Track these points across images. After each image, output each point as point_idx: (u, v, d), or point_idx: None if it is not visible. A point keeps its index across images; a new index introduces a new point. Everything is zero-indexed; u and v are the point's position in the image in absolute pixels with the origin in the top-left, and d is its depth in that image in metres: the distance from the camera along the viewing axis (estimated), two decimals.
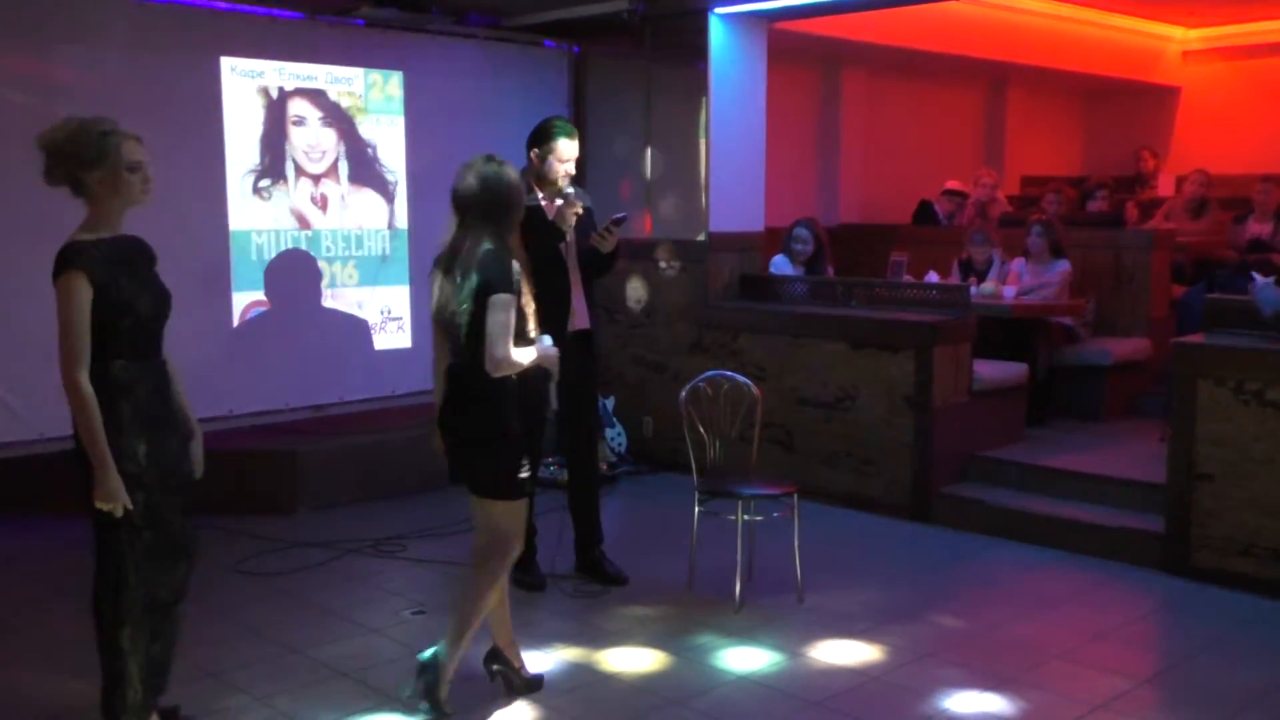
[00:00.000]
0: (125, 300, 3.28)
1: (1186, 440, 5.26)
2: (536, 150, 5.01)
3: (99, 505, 3.25)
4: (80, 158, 3.22)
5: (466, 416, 3.87)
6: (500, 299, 3.68)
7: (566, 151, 4.96)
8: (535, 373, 3.90)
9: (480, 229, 3.78)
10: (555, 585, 5.19)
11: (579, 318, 5.09)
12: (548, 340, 3.93)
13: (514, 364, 3.74)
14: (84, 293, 3.19)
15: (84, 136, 3.23)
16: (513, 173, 3.93)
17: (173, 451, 3.46)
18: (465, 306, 3.72)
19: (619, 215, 5.06)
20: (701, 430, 5.14)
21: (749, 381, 5.22)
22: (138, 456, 3.31)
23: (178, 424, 3.51)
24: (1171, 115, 11.25)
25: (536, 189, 4.99)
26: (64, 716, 3.91)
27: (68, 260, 3.21)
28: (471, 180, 3.81)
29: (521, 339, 3.79)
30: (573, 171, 5.01)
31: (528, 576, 5.18)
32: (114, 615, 3.39)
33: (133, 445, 3.30)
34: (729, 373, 5.29)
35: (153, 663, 3.48)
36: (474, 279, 3.70)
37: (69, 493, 3.47)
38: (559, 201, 4.95)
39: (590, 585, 5.18)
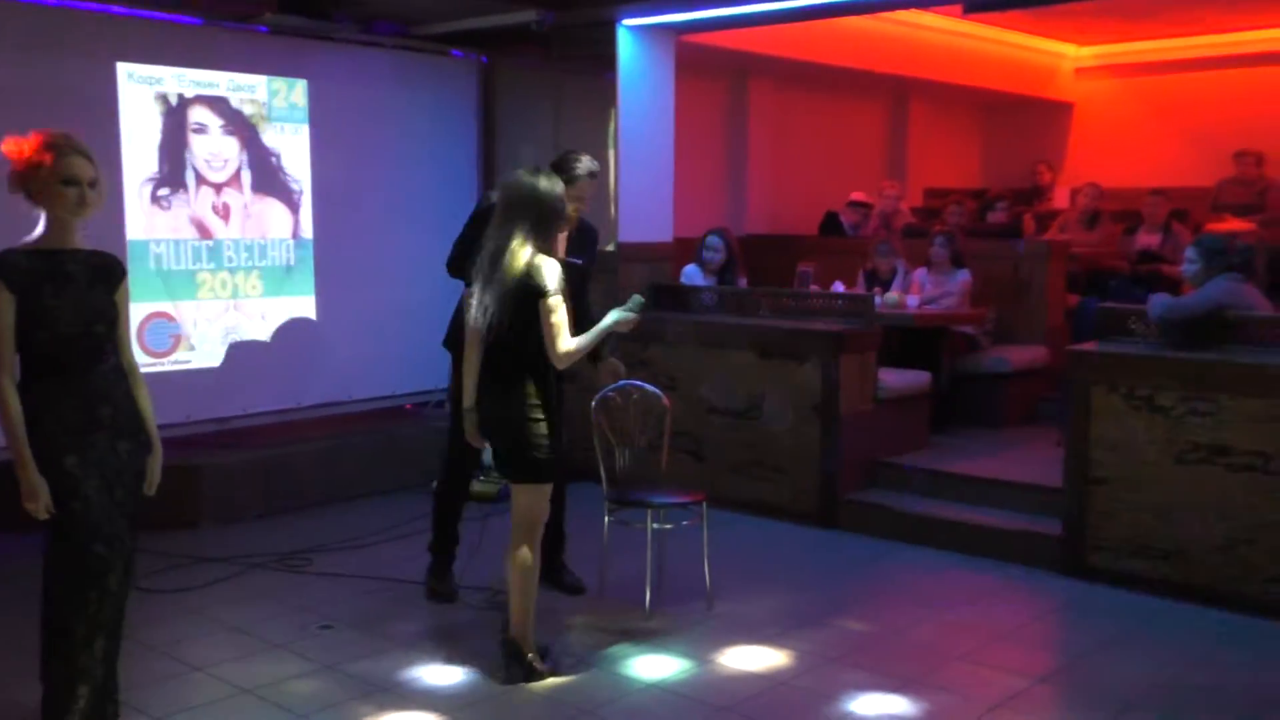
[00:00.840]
0: (41, 312, 3.32)
1: (1081, 445, 5.42)
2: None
3: (26, 506, 3.31)
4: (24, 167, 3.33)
5: (507, 408, 4.13)
6: (553, 302, 4.00)
7: (587, 191, 4.90)
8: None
9: (523, 237, 4.03)
10: (466, 596, 5.16)
11: None
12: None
13: (577, 353, 4.11)
14: (1, 297, 3.27)
15: (31, 146, 3.34)
16: (557, 184, 4.14)
17: (115, 457, 3.46)
18: (509, 308, 4.01)
19: (639, 299, 4.45)
20: (611, 439, 5.16)
21: (659, 391, 5.24)
22: (65, 466, 3.35)
23: (125, 430, 3.50)
24: (1065, 130, 11.61)
25: None
26: None
27: None
28: (516, 191, 4.07)
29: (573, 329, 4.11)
30: (585, 209, 4.99)
31: (441, 585, 5.15)
32: (58, 630, 3.40)
33: (59, 457, 3.34)
34: (639, 382, 5.31)
35: (98, 684, 3.47)
36: (520, 285, 3.99)
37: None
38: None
39: (503, 595, 5.15)
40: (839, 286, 7.56)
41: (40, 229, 3.40)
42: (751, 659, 4.49)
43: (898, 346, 7.12)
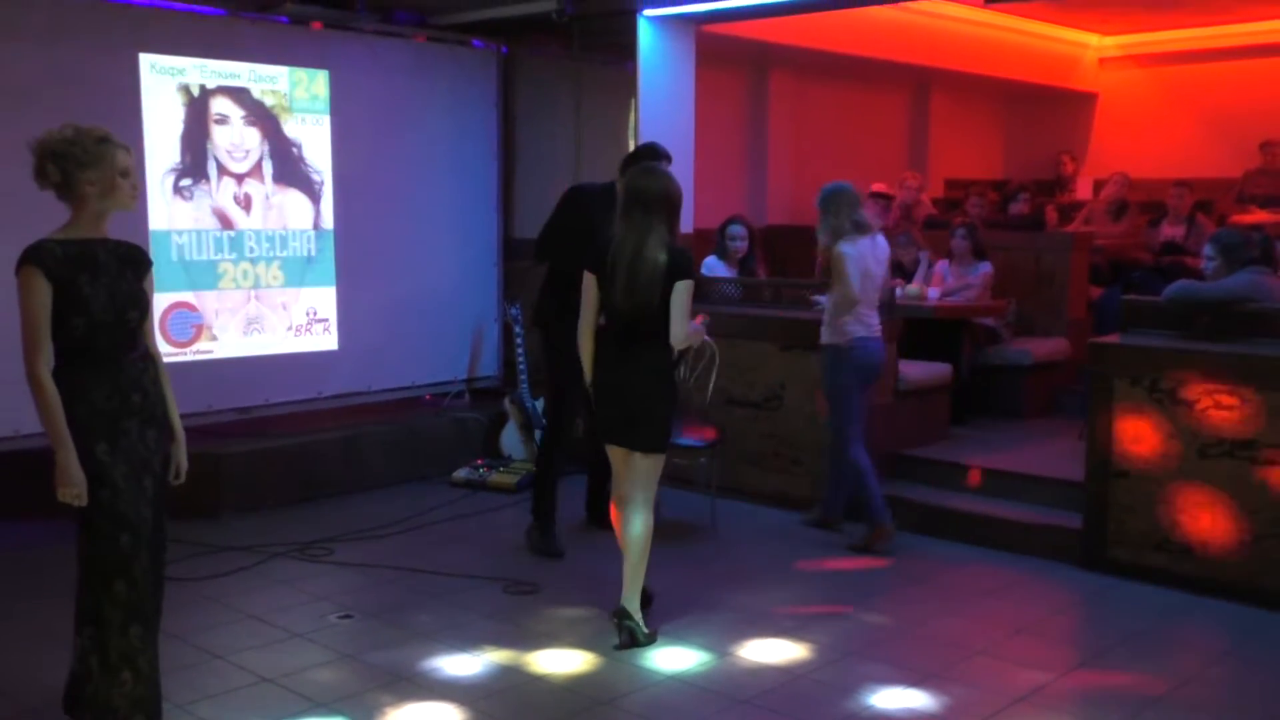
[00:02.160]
0: (78, 299, 3.36)
1: (1103, 439, 5.39)
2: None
3: (60, 492, 3.33)
4: (78, 159, 3.37)
5: (645, 383, 4.46)
6: (688, 284, 4.36)
7: None
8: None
9: (661, 226, 4.41)
10: (486, 585, 5.17)
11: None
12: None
13: (691, 338, 4.45)
14: (38, 287, 3.32)
15: (83, 139, 3.39)
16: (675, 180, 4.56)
17: (143, 445, 3.49)
18: (658, 288, 4.35)
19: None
20: None
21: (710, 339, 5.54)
22: (96, 454, 3.38)
23: (153, 418, 3.54)
24: (1089, 120, 11.53)
25: None
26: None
27: (25, 257, 3.35)
28: (649, 189, 4.45)
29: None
30: None
31: (549, 544, 5.56)
32: (92, 619, 3.44)
33: (91, 445, 3.37)
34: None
35: (143, 671, 3.50)
36: (668, 266, 4.35)
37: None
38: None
39: (523, 585, 5.18)
40: None
41: (70, 220, 3.43)
42: (771, 651, 4.49)
43: (919, 338, 7.09)
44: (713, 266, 7.36)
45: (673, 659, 4.40)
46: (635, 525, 4.48)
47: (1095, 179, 10.53)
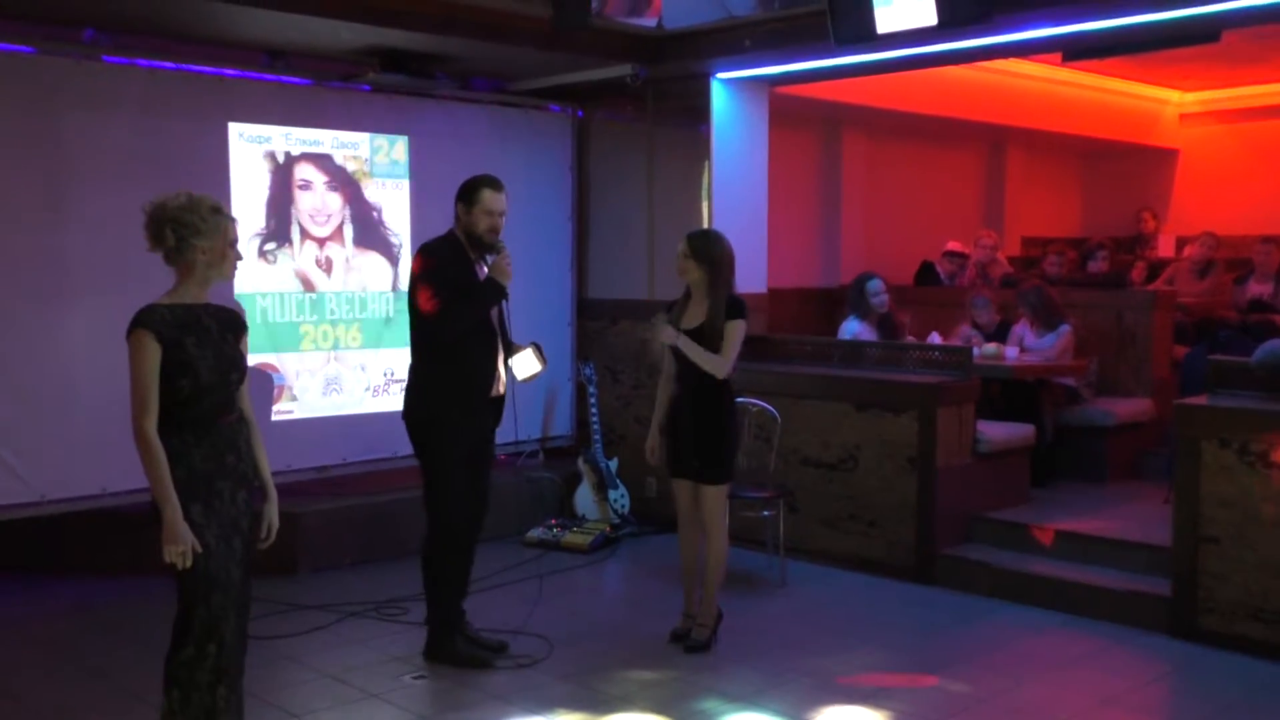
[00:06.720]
0: (185, 361, 3.44)
1: (1191, 502, 5.24)
2: (463, 205, 4.86)
3: (166, 551, 3.37)
4: (195, 227, 3.48)
5: (716, 415, 5.07)
6: (742, 324, 5.11)
7: (496, 205, 4.82)
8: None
9: (728, 280, 5.14)
10: (559, 646, 5.15)
11: (502, 382, 5.01)
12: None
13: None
14: (149, 349, 3.41)
15: (199, 208, 3.50)
16: None
17: (234, 506, 3.56)
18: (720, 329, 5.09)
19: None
20: None
21: (774, 409, 6.21)
22: (191, 515, 3.43)
23: (245, 480, 3.62)
24: (1170, 177, 11.35)
25: (468, 247, 4.87)
26: None
27: (137, 320, 3.43)
28: (722, 249, 5.12)
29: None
30: (500, 226, 4.84)
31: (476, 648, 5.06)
32: (182, 680, 3.49)
33: (186, 505, 3.43)
34: (755, 400, 6.23)
35: None
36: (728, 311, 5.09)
37: (77, 553, 3.55)
38: (490, 259, 4.83)
39: (598, 647, 5.15)
40: (935, 338, 7.46)
41: (177, 284, 3.54)
42: (849, 719, 4.40)
43: (999, 398, 6.98)
44: (858, 331, 7.26)
45: None
46: (711, 552, 5.06)
47: (1177, 236, 10.34)
